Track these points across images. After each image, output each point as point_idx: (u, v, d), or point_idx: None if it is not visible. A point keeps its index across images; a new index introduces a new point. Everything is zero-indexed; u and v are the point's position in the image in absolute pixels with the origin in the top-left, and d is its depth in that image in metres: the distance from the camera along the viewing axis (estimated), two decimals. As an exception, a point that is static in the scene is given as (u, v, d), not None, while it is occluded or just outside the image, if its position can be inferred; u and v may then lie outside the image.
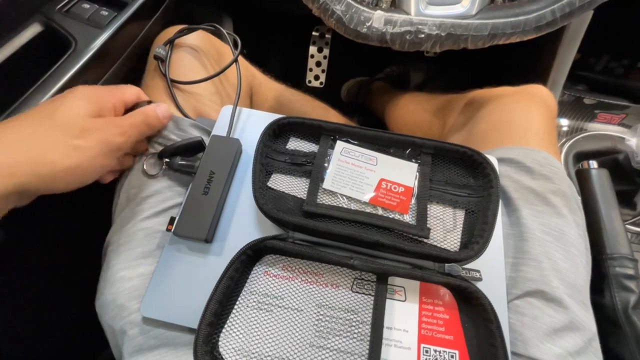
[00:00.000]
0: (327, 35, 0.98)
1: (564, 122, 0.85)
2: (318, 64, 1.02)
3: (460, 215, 0.38)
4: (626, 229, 0.47)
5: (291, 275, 0.35)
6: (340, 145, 0.40)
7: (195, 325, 0.30)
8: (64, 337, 0.54)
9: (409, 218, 0.37)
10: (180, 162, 0.39)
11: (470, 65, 1.04)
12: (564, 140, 0.82)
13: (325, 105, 0.77)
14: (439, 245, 0.36)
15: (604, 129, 0.83)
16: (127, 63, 0.48)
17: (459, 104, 0.60)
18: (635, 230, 0.71)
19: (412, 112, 0.77)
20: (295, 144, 0.41)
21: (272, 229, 0.37)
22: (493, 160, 0.41)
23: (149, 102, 0.40)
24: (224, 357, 0.30)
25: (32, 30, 0.42)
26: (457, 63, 1.08)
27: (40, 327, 0.48)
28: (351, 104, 1.15)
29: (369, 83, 1.10)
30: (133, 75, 0.48)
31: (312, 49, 0.74)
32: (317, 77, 1.08)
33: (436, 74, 1.12)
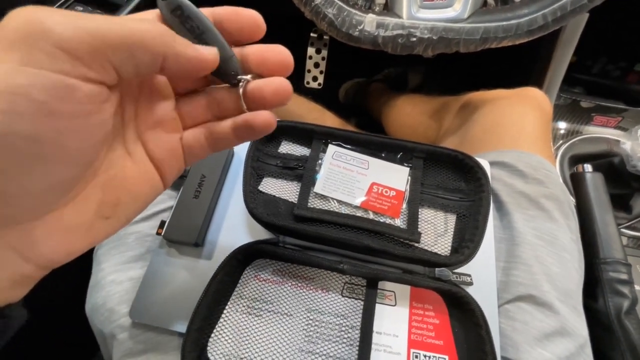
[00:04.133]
0: (325, 37, 0.98)
1: (561, 125, 0.85)
2: (316, 65, 1.02)
3: (452, 219, 0.37)
4: (621, 233, 0.46)
5: (281, 280, 0.34)
6: (332, 149, 0.40)
7: (184, 330, 0.30)
8: (54, 341, 0.54)
9: (400, 222, 0.37)
10: (171, 166, 0.39)
11: (468, 68, 1.04)
12: (560, 143, 0.81)
13: (322, 108, 0.77)
14: (429, 249, 0.36)
15: (601, 132, 0.83)
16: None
17: (454, 106, 0.60)
18: (630, 234, 0.71)
19: (409, 114, 0.77)
20: (287, 148, 0.41)
21: (262, 233, 0.37)
22: (485, 164, 0.41)
23: None
24: (212, 362, 0.30)
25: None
26: (454, 65, 1.08)
27: (29, 331, 0.48)
28: (349, 105, 1.15)
29: (367, 84, 1.10)
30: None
31: (310, 50, 0.74)
32: (315, 79, 1.07)
33: (434, 75, 1.12)
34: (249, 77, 0.21)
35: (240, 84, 0.20)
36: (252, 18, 0.20)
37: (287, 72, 0.21)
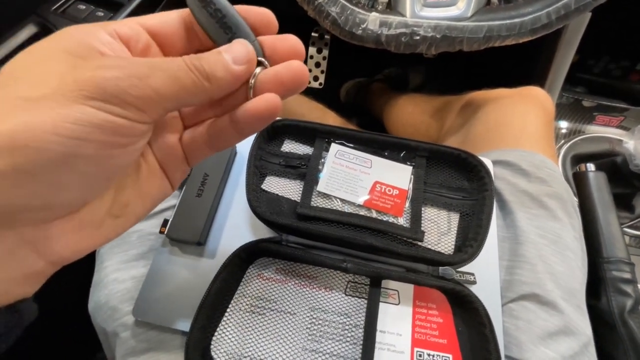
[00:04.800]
0: (326, 37, 0.98)
1: (563, 125, 0.85)
2: (317, 65, 1.02)
3: (455, 218, 0.37)
4: (623, 232, 0.46)
5: (284, 279, 0.34)
6: (334, 147, 0.40)
7: (187, 328, 0.30)
8: (56, 339, 0.54)
9: (403, 221, 0.37)
10: (174, 164, 0.39)
11: (469, 67, 1.04)
12: (562, 142, 0.81)
13: (323, 107, 0.77)
14: (433, 248, 0.36)
15: (603, 132, 0.83)
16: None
17: (456, 105, 0.60)
18: (633, 234, 0.71)
19: (410, 113, 0.77)
20: (290, 146, 0.41)
21: (265, 232, 0.37)
22: (488, 162, 0.41)
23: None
24: (215, 360, 0.30)
25: (28, 32, 0.42)
26: (455, 64, 1.08)
27: (33, 328, 0.48)
28: (350, 105, 1.15)
29: (368, 84, 1.09)
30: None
31: (312, 50, 0.74)
32: (316, 78, 1.07)
33: (435, 75, 1.12)
34: (265, 61, 0.20)
35: (259, 67, 0.20)
36: (264, 15, 0.20)
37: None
